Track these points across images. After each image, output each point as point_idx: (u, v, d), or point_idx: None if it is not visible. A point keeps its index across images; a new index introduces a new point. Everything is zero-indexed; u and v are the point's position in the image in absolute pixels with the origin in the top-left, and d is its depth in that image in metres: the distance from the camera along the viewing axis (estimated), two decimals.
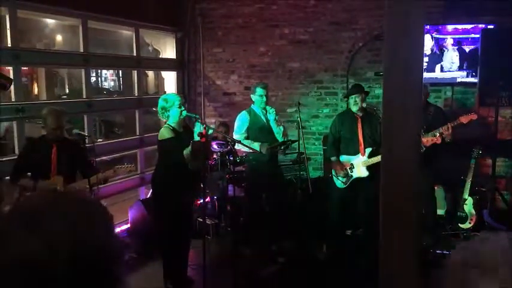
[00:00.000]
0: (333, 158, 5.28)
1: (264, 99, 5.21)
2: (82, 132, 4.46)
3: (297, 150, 5.51)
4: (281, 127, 5.29)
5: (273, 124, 5.26)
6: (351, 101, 5.14)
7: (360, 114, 5.15)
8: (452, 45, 6.14)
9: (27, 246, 0.75)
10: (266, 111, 5.28)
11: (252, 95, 5.33)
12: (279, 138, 5.31)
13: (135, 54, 6.58)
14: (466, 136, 5.51)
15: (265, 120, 5.28)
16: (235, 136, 5.22)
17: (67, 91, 8.83)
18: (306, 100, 6.99)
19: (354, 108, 5.12)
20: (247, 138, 5.22)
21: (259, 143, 5.11)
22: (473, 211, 5.52)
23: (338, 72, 6.97)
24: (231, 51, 7.38)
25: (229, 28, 7.33)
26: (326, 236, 5.34)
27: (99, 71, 8.61)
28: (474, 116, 4.94)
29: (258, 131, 5.23)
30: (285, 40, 7.14)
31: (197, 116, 4.44)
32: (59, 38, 7.18)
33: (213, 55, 7.47)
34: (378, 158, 4.91)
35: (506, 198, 6.14)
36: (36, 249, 0.75)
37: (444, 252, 5.01)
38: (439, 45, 6.19)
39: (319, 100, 7.12)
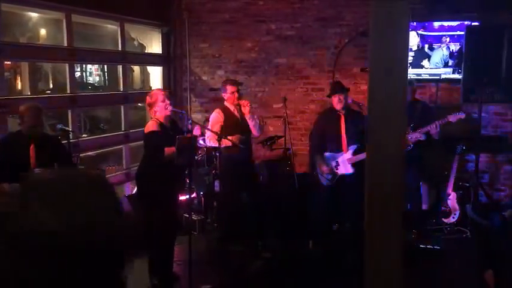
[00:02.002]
0: (318, 157, 5.28)
1: (236, 95, 5.12)
2: (66, 128, 4.41)
3: (283, 146, 5.52)
4: (256, 120, 5.18)
5: (248, 117, 5.13)
6: (336, 99, 5.12)
7: (343, 111, 5.16)
8: (447, 42, 6.20)
9: (41, 218, 0.78)
10: (239, 107, 5.14)
11: (223, 94, 5.20)
12: (255, 131, 5.23)
13: (120, 49, 6.52)
14: (450, 132, 5.58)
15: (239, 117, 5.17)
16: (209, 135, 5.09)
17: (51, 86, 8.70)
18: (292, 96, 6.99)
19: (339, 106, 5.13)
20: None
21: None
22: (456, 206, 5.59)
23: (325, 68, 6.98)
24: (218, 46, 7.34)
25: (215, 23, 7.29)
26: (312, 231, 5.36)
27: (83, 65, 8.50)
28: (462, 115, 4.99)
29: (233, 128, 5.07)
30: (272, 36, 7.13)
31: (183, 112, 4.44)
32: (42, 32, 7.06)
33: (199, 50, 7.43)
34: (362, 155, 4.94)
35: (489, 193, 6.23)
36: (49, 221, 0.78)
37: (435, 247, 5.09)
38: (429, 42, 6.26)
39: (306, 96, 7.13)
